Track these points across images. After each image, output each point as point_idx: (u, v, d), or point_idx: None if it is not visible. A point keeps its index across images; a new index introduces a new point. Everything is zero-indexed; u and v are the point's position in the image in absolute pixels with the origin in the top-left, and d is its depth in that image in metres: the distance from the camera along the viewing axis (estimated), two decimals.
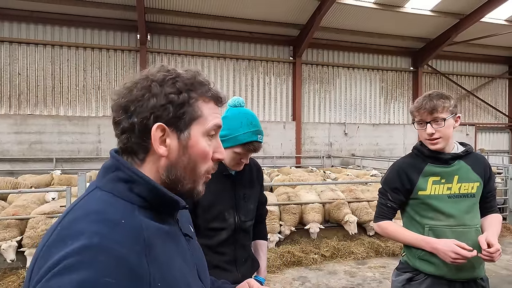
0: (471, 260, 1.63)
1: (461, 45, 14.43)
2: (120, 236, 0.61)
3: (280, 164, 12.77)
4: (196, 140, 0.77)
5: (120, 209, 0.67)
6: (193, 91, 0.77)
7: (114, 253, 0.57)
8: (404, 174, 1.82)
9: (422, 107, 1.73)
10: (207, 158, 0.79)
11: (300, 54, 13.46)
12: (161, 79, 0.75)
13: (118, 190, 0.70)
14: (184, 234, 0.83)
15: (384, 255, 5.36)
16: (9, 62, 11.11)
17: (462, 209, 1.73)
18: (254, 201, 1.82)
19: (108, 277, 0.54)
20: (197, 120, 0.77)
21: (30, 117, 11.09)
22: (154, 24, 12.04)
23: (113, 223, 0.63)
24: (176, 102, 0.74)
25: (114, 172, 0.73)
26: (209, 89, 0.80)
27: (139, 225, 0.66)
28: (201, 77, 0.80)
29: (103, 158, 11.60)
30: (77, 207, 0.68)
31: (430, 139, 1.75)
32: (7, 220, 4.57)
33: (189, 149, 0.76)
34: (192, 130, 0.76)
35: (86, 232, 0.59)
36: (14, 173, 9.73)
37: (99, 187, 0.72)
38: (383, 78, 15.23)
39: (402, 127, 15.28)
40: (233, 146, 1.60)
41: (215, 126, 0.80)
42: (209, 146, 0.79)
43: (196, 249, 0.89)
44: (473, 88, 16.45)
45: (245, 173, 1.79)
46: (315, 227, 5.49)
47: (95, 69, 11.86)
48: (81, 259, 0.55)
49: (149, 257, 0.63)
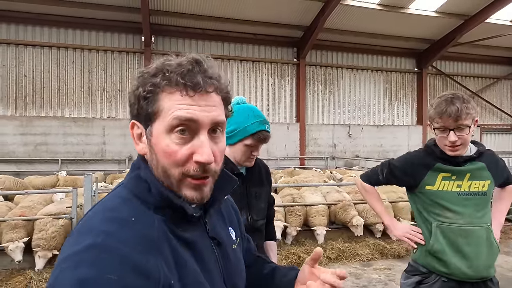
0: (486, 259, 1.68)
1: (465, 46, 14.36)
2: (126, 235, 0.62)
3: (284, 166, 12.76)
4: (157, 137, 0.70)
5: (134, 207, 0.68)
6: (153, 83, 0.69)
7: (116, 251, 0.59)
8: (411, 167, 1.82)
9: (445, 113, 1.61)
10: (171, 158, 0.68)
11: (304, 55, 13.47)
12: (138, 75, 0.72)
13: (138, 189, 0.71)
14: (212, 238, 0.78)
15: (389, 257, 5.33)
16: (15, 64, 11.21)
17: (471, 207, 1.71)
18: (265, 200, 1.84)
19: (110, 274, 0.55)
20: (157, 115, 0.69)
21: (35, 119, 11.18)
22: (159, 26, 12.10)
23: (123, 221, 0.64)
24: (138, 97, 0.70)
25: (136, 170, 0.75)
26: (172, 78, 0.68)
27: (151, 224, 0.67)
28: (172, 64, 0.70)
29: (108, 159, 11.67)
30: (100, 202, 0.72)
31: (451, 146, 1.67)
32: (14, 221, 4.60)
33: (153, 147, 0.70)
34: (153, 127, 0.70)
35: (94, 230, 0.62)
36: (20, 174, 9.79)
37: (124, 184, 0.75)
38: (387, 79, 15.19)
39: (407, 129, 15.22)
40: (243, 138, 1.62)
41: (175, 119, 0.67)
42: (177, 145, 0.68)
43: (226, 253, 0.82)
44: (478, 89, 16.35)
45: (254, 172, 1.81)
46: (322, 229, 5.48)
47: (100, 71, 11.93)
48: (85, 257, 0.57)
49: (158, 256, 0.63)
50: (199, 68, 0.70)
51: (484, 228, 1.71)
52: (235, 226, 0.93)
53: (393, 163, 1.91)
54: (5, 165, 10.75)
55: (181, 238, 0.70)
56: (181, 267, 0.67)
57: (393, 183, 1.93)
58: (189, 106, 0.68)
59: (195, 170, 0.69)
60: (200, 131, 0.69)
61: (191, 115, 0.67)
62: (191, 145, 0.69)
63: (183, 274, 0.67)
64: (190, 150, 0.68)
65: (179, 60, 0.71)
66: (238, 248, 0.89)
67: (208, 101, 0.70)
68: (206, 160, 0.68)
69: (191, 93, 0.68)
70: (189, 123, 0.68)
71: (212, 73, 0.72)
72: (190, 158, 0.68)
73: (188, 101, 0.68)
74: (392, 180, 1.91)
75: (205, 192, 0.72)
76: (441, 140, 1.71)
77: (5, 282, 4.21)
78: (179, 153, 0.68)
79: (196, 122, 0.68)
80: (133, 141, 0.76)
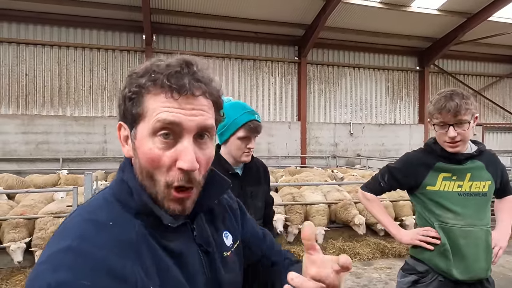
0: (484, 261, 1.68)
1: (468, 44, 14.29)
2: (102, 239, 0.61)
3: (285, 164, 12.75)
4: (140, 140, 0.67)
5: (113, 211, 0.67)
6: (139, 84, 0.66)
7: (91, 256, 0.58)
8: (411, 168, 1.80)
9: (444, 109, 1.61)
10: (154, 163, 0.65)
11: (305, 54, 13.43)
12: (128, 75, 0.71)
13: (120, 192, 0.70)
14: (199, 245, 0.75)
15: (390, 256, 5.32)
16: (16, 63, 11.22)
17: (471, 208, 1.70)
18: (262, 199, 1.82)
19: (84, 279, 0.54)
20: (142, 117, 0.67)
21: (37, 117, 11.20)
22: (160, 24, 12.09)
23: (100, 224, 0.63)
24: (124, 98, 0.69)
25: (120, 173, 0.74)
26: (158, 79, 0.65)
27: (130, 229, 0.65)
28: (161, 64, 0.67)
29: (109, 158, 11.69)
30: (84, 204, 0.71)
31: (451, 142, 1.67)
32: (15, 219, 4.60)
33: (137, 150, 0.68)
34: (138, 129, 0.68)
35: (72, 233, 0.61)
36: (21, 173, 9.81)
37: (110, 185, 0.74)
38: (389, 78, 15.14)
39: (408, 127, 15.17)
40: (234, 131, 1.63)
41: (158, 122, 0.64)
42: (159, 149, 0.65)
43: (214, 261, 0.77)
44: (480, 87, 16.28)
45: (251, 172, 1.80)
46: (321, 229, 5.46)
47: (101, 70, 11.94)
48: (62, 260, 0.56)
49: (136, 260, 0.62)
50: (188, 70, 0.67)
51: (484, 230, 1.70)
52: (232, 229, 0.87)
53: (392, 167, 1.89)
54: (7, 164, 10.79)
55: (163, 245, 0.68)
56: (162, 273, 0.65)
57: (396, 188, 1.89)
58: (173, 109, 0.65)
59: (180, 179, 0.66)
60: (184, 136, 0.66)
61: (174, 118, 0.64)
62: (174, 150, 0.65)
63: (164, 280, 0.65)
64: (173, 156, 0.65)
65: (169, 61, 0.68)
66: (233, 256, 0.83)
67: (194, 105, 0.67)
68: (189, 167, 0.64)
69: (175, 96, 0.65)
70: (173, 126, 0.65)
71: (202, 76, 0.68)
72: (174, 164, 0.65)
73: (173, 103, 0.65)
74: (395, 185, 1.87)
75: (187, 205, 0.69)
76: (440, 136, 1.70)
77: (6, 281, 4.23)
78: (162, 158, 0.65)
79: (180, 125, 0.65)
80: (120, 143, 0.74)
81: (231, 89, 13.12)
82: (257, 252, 0.94)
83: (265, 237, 0.99)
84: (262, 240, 0.97)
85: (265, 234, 1.00)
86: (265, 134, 13.15)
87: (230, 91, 13.09)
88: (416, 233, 1.79)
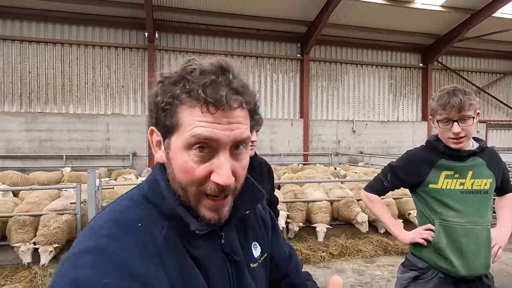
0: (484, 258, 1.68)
1: (472, 41, 14.18)
2: (129, 240, 0.61)
3: (287, 162, 12.74)
4: (175, 152, 0.66)
5: (143, 212, 0.67)
6: (172, 95, 0.64)
7: (116, 256, 0.58)
8: (414, 166, 1.79)
9: (449, 105, 1.60)
10: (188, 175, 0.65)
11: (308, 51, 13.39)
12: (159, 79, 0.68)
13: (152, 194, 0.70)
14: (226, 254, 0.73)
15: (392, 254, 5.32)
16: (19, 60, 11.26)
17: (473, 206, 1.69)
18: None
19: (107, 278, 0.55)
20: (176, 129, 0.65)
21: (40, 115, 11.25)
22: (162, 22, 12.07)
23: (128, 225, 0.63)
24: (157, 107, 0.66)
25: (153, 175, 0.73)
26: (194, 90, 0.62)
27: (158, 232, 0.65)
28: (195, 71, 0.64)
29: (112, 155, 11.73)
30: (112, 203, 0.71)
31: (455, 139, 1.66)
32: (21, 217, 4.60)
33: (171, 160, 0.67)
34: (172, 140, 0.66)
35: (98, 233, 0.61)
36: (25, 170, 9.86)
37: (140, 186, 0.74)
38: (392, 75, 15.07)
39: (411, 125, 15.11)
40: None
41: (193, 137, 0.63)
42: (195, 162, 0.64)
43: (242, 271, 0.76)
44: (484, 84, 16.17)
45: (255, 169, 1.80)
46: (322, 227, 5.47)
47: (104, 67, 11.96)
48: (85, 259, 0.57)
49: (160, 265, 0.61)
50: (224, 78, 0.64)
51: (485, 228, 1.70)
52: (262, 240, 0.85)
53: (395, 166, 1.88)
54: (11, 161, 10.86)
55: (189, 249, 0.68)
56: (185, 280, 0.65)
57: (399, 186, 1.89)
58: (209, 124, 0.62)
59: (213, 189, 0.65)
60: (221, 150, 0.64)
61: (210, 134, 0.62)
62: (209, 164, 0.64)
63: (187, 286, 0.65)
64: (208, 169, 0.64)
65: (203, 66, 0.65)
66: (260, 268, 0.81)
67: (230, 118, 0.64)
68: (225, 182, 0.64)
69: (212, 110, 0.62)
70: (209, 141, 0.63)
71: (238, 85, 0.65)
72: (208, 177, 0.65)
73: (208, 118, 0.63)
74: (398, 183, 1.87)
75: (223, 213, 0.69)
76: (444, 133, 1.69)
77: (11, 277, 4.26)
78: (196, 171, 0.64)
79: (216, 141, 0.63)
80: (152, 147, 0.72)
81: None
82: (282, 271, 0.93)
83: (291, 257, 0.97)
84: (288, 260, 0.96)
85: (291, 254, 0.99)
86: (268, 131, 13.15)
87: None
88: (417, 232, 1.79)
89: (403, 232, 1.87)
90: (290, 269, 0.94)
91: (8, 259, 4.68)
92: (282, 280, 0.93)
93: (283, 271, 0.93)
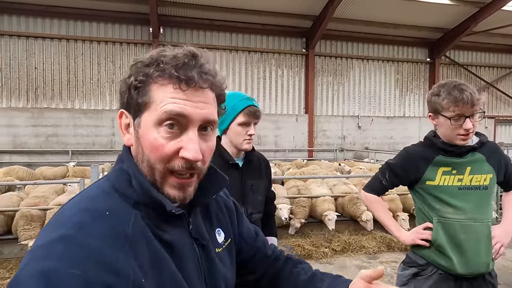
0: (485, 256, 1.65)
1: (480, 35, 13.93)
2: (98, 229, 0.60)
3: (292, 157, 12.70)
4: (145, 130, 0.67)
5: (111, 201, 0.66)
6: (146, 73, 0.67)
7: (85, 245, 0.57)
8: (411, 163, 1.76)
9: (462, 100, 1.54)
10: (158, 152, 0.66)
11: (313, 46, 13.27)
12: (132, 64, 0.72)
13: (119, 182, 0.70)
14: (194, 239, 0.75)
15: (396, 250, 5.28)
16: (26, 56, 11.34)
17: (472, 202, 1.66)
18: (262, 193, 1.80)
19: (74, 268, 0.54)
20: (147, 106, 0.67)
21: (46, 110, 11.35)
22: (167, 17, 12.06)
23: (96, 214, 0.63)
24: (129, 86, 0.69)
25: (120, 163, 0.74)
26: (166, 69, 0.66)
27: (126, 219, 0.64)
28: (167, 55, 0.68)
29: (117, 151, 11.79)
30: (79, 193, 0.71)
31: (465, 135, 1.61)
32: (28, 211, 4.64)
33: (140, 139, 0.69)
34: (142, 118, 0.68)
35: (67, 222, 0.61)
36: (31, 165, 9.96)
37: (107, 176, 0.74)
38: (399, 70, 14.89)
39: (418, 120, 14.95)
40: (234, 118, 1.64)
41: (165, 113, 0.65)
42: (164, 139, 0.66)
43: (210, 256, 0.78)
44: (493, 79, 15.91)
45: (253, 164, 1.79)
46: (333, 214, 5.34)
47: (109, 63, 12.00)
48: (54, 249, 0.56)
49: (130, 253, 0.61)
50: (195, 62, 0.68)
51: (485, 224, 1.66)
52: (225, 226, 0.89)
53: (392, 163, 1.85)
54: (18, 156, 10.99)
55: (159, 237, 0.68)
56: (157, 266, 0.65)
57: (398, 184, 1.86)
58: (180, 101, 0.66)
59: (181, 166, 0.67)
60: (190, 127, 0.67)
61: (181, 110, 0.65)
62: (179, 140, 0.67)
63: (159, 272, 0.65)
64: (177, 145, 0.66)
65: (175, 52, 0.69)
66: (224, 252, 0.85)
67: (201, 97, 0.68)
68: (194, 156, 0.66)
69: (184, 87, 0.66)
70: (179, 118, 0.66)
71: (208, 69, 0.69)
72: (177, 153, 0.67)
73: (180, 95, 0.66)
74: (396, 181, 1.84)
75: (188, 192, 0.70)
76: (455, 130, 1.62)
77: (15, 270, 4.31)
78: (166, 147, 0.66)
79: (187, 117, 0.66)
80: (120, 131, 0.74)
81: (238, 81, 13.07)
82: (253, 246, 0.99)
83: (257, 234, 1.03)
84: (255, 237, 1.01)
85: (257, 232, 1.04)
86: (273, 127, 13.11)
87: (237, 84, 13.04)
88: (416, 232, 1.76)
89: (402, 233, 1.85)
90: (258, 244, 1.01)
91: (13, 252, 4.75)
92: (255, 255, 0.99)
93: (254, 247, 0.99)
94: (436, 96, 1.65)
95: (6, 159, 10.90)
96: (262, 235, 1.05)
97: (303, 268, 0.96)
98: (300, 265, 0.98)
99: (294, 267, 0.97)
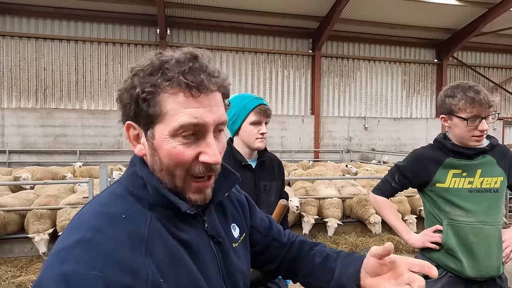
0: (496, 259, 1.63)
1: (489, 35, 13.79)
2: (115, 231, 0.62)
3: (298, 159, 12.69)
4: (160, 140, 0.67)
5: (126, 204, 0.68)
6: (153, 84, 0.65)
7: (103, 248, 0.59)
8: (421, 165, 1.75)
9: (478, 101, 1.53)
10: (178, 159, 0.66)
11: (319, 46, 13.25)
12: (133, 73, 0.69)
13: (133, 186, 0.71)
14: (211, 236, 0.76)
15: (404, 252, 5.24)
16: (35, 57, 11.49)
17: (482, 205, 1.64)
18: (275, 194, 1.80)
19: (95, 270, 0.55)
20: (159, 118, 0.66)
21: (55, 111, 11.47)
22: (174, 18, 12.13)
23: (113, 217, 0.64)
24: (136, 98, 0.67)
25: (133, 167, 0.75)
26: (174, 77, 0.64)
27: (142, 222, 0.66)
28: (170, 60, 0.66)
29: (125, 151, 11.89)
30: (95, 198, 0.72)
31: (479, 136, 1.60)
32: (38, 211, 4.74)
33: (157, 150, 0.68)
34: (155, 130, 0.67)
35: (85, 226, 0.62)
36: (40, 165, 10.06)
37: (120, 180, 0.75)
38: (406, 71, 14.81)
39: (425, 122, 14.84)
40: (245, 117, 1.66)
41: (183, 127, 0.65)
42: (183, 146, 0.66)
43: (226, 252, 0.80)
44: (502, 80, 15.75)
45: (265, 165, 1.79)
46: (334, 222, 5.41)
47: (117, 64, 12.10)
48: (72, 253, 0.57)
49: (147, 253, 0.62)
50: (199, 64, 0.67)
51: (496, 227, 1.65)
52: (240, 221, 0.91)
53: (401, 165, 1.84)
54: (27, 156, 11.13)
55: (176, 236, 0.69)
56: (174, 265, 0.66)
57: (408, 186, 1.84)
58: (195, 110, 0.65)
59: (201, 170, 0.68)
60: (206, 133, 0.68)
61: (198, 121, 0.65)
62: (196, 146, 0.67)
63: (177, 272, 0.66)
64: (196, 151, 0.67)
65: (176, 56, 0.67)
66: (240, 246, 0.87)
67: (211, 101, 0.68)
68: (214, 161, 0.68)
69: (195, 94, 0.65)
70: (196, 127, 0.66)
71: (213, 70, 0.69)
72: (196, 158, 0.68)
73: (193, 103, 0.65)
74: (406, 183, 1.83)
75: (207, 193, 0.73)
76: (470, 131, 1.60)
77: (26, 269, 4.36)
78: (185, 154, 0.67)
79: (203, 125, 0.66)
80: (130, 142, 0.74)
81: (244, 82, 13.09)
82: (269, 236, 1.01)
83: (271, 224, 1.04)
84: (269, 227, 1.03)
85: (271, 221, 1.05)
86: (279, 128, 13.11)
87: (243, 85, 13.07)
88: (425, 235, 1.75)
89: (412, 236, 1.83)
90: (273, 233, 1.02)
91: (23, 251, 4.82)
92: (271, 244, 1.00)
93: (269, 236, 1.00)
94: (451, 98, 1.63)
95: (15, 159, 11.06)
96: (276, 223, 1.06)
97: (319, 250, 0.97)
98: (315, 247, 0.98)
99: (310, 249, 0.98)
